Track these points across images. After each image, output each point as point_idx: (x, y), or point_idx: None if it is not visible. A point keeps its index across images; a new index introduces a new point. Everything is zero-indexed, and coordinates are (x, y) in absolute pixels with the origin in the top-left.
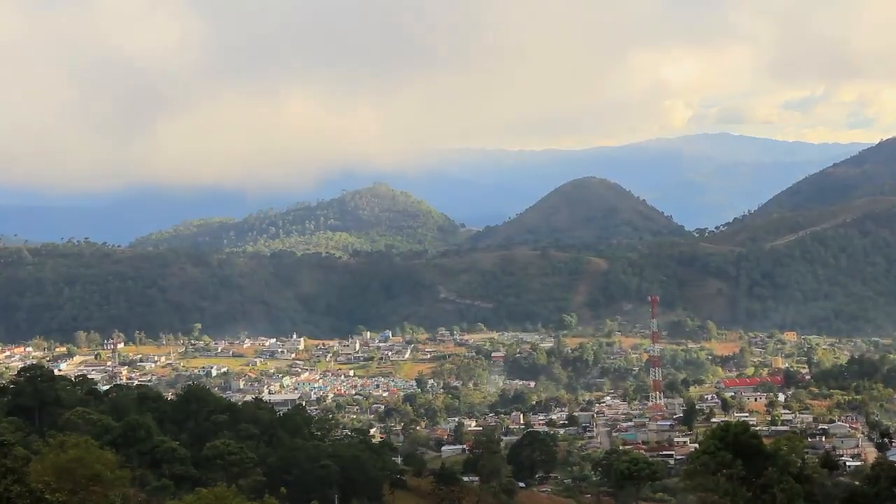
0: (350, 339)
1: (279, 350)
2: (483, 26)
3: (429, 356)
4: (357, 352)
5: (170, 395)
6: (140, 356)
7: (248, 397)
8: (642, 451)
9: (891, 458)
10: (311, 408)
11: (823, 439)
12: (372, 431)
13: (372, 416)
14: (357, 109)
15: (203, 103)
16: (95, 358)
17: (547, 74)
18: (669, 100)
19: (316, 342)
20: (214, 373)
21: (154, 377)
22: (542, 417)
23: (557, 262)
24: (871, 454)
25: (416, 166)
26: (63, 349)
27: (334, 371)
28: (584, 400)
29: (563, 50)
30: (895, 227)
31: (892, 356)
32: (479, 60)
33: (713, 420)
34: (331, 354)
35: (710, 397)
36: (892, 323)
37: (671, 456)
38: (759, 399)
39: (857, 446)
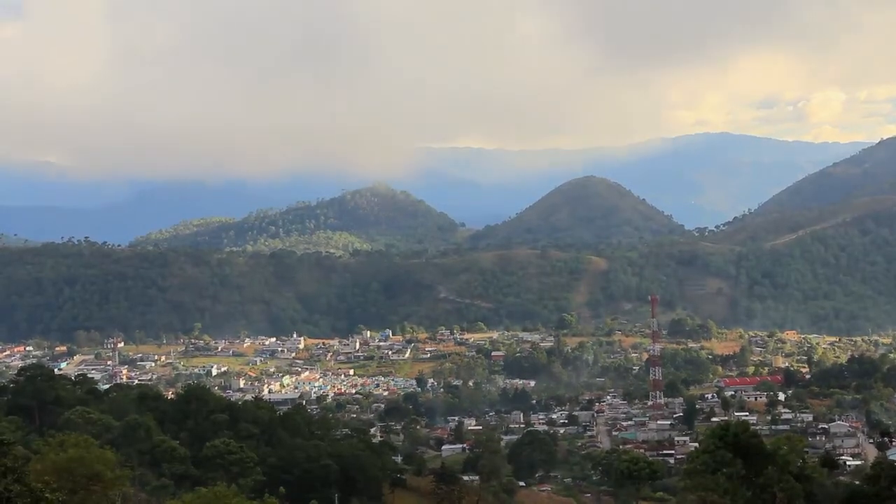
0: (350, 339)
1: (279, 349)
2: None
3: (429, 355)
4: (357, 351)
5: (170, 395)
6: (140, 355)
7: (248, 397)
8: (642, 451)
9: (891, 458)
10: (311, 407)
11: (823, 439)
12: (372, 431)
13: (372, 416)
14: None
15: None
16: (95, 357)
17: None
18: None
19: (316, 341)
20: (214, 372)
21: (154, 376)
22: (542, 417)
23: (557, 261)
24: (872, 453)
25: (417, 166)
26: (63, 349)
27: (334, 370)
28: (584, 399)
29: None
30: (895, 226)
31: (892, 355)
32: None
33: (713, 419)
34: (331, 354)
35: (710, 396)
36: (892, 322)
37: (671, 455)
38: (759, 398)
39: (858, 445)
